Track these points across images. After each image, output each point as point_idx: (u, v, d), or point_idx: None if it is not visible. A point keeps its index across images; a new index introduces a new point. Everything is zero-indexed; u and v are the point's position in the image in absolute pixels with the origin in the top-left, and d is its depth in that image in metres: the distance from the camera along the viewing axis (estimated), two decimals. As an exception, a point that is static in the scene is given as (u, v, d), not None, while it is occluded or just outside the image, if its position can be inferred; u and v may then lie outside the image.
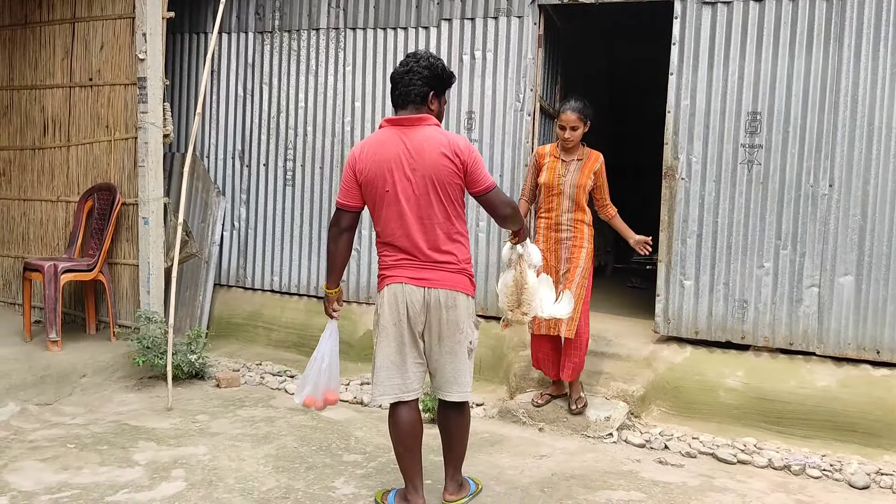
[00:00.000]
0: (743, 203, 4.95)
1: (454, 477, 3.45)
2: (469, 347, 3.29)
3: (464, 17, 5.69)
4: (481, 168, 3.17)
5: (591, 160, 4.52)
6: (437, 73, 3.20)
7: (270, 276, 6.51)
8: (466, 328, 3.25)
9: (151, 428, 4.41)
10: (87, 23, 5.95)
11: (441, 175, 3.10)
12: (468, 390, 3.31)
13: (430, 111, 3.20)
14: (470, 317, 3.28)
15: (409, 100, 3.18)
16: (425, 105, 3.19)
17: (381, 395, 3.28)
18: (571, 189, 4.46)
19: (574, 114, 4.41)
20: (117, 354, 5.37)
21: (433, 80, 3.19)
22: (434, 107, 3.22)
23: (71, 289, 5.98)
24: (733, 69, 4.95)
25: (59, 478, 3.66)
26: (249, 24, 6.50)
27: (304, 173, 6.33)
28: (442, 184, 3.11)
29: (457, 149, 3.11)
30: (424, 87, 3.17)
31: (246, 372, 5.67)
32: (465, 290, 3.23)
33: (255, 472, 3.81)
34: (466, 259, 3.25)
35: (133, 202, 5.66)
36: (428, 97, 3.18)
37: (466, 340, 3.26)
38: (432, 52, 3.31)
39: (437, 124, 3.19)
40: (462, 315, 3.22)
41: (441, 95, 3.26)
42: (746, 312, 4.96)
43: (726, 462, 4.21)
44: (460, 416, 3.38)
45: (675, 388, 4.91)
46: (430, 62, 3.19)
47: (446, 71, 3.26)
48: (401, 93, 3.19)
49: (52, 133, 6.19)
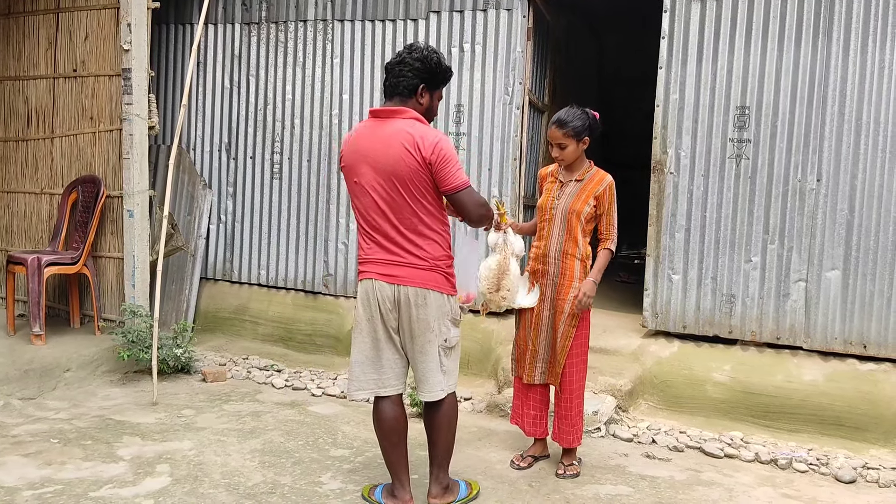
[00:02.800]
0: (731, 197, 4.95)
1: (438, 478, 3.35)
2: (443, 346, 3.20)
3: (452, 9, 5.66)
4: (450, 166, 3.05)
5: (594, 182, 3.74)
6: (430, 67, 3.14)
7: (257, 269, 6.47)
8: (439, 327, 3.17)
9: (136, 423, 4.37)
10: (72, 13, 5.87)
11: (401, 170, 3.04)
12: (440, 389, 3.22)
13: (419, 105, 3.15)
14: (444, 315, 3.19)
15: (397, 91, 3.15)
16: (413, 98, 3.15)
17: (356, 391, 3.28)
18: (563, 214, 3.73)
19: (560, 129, 3.68)
20: (102, 348, 5.32)
21: (424, 74, 3.14)
22: (424, 101, 3.17)
23: (55, 282, 5.92)
24: (722, 63, 4.94)
25: (42, 473, 3.62)
26: (236, 15, 6.44)
27: (292, 166, 6.28)
28: (403, 179, 3.05)
29: (421, 144, 3.03)
30: (414, 79, 3.13)
31: (232, 366, 5.63)
32: (436, 288, 3.15)
33: (242, 467, 3.78)
34: (440, 256, 3.16)
35: (118, 195, 5.60)
36: (417, 90, 3.14)
37: (439, 339, 3.18)
38: (432, 47, 3.22)
39: (415, 118, 3.11)
40: (432, 313, 3.14)
41: (433, 90, 3.20)
42: (734, 307, 4.96)
43: (713, 456, 4.22)
44: (438, 414, 3.29)
45: (663, 383, 4.91)
46: (423, 55, 3.13)
47: (441, 66, 3.19)
48: (390, 83, 3.17)
49: (36, 125, 6.11)
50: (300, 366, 5.74)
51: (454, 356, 3.29)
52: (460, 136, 5.64)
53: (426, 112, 3.20)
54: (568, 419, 3.80)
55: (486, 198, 5.59)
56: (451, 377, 3.28)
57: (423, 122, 3.13)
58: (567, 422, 3.80)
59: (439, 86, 3.24)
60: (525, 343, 3.90)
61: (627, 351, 5.17)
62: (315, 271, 6.22)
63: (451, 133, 5.66)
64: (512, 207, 5.53)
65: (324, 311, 6.15)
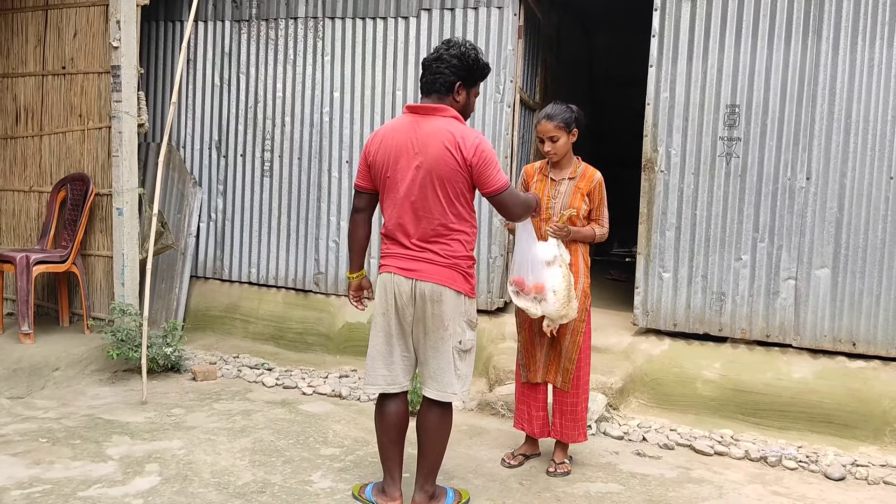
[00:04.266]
0: (721, 196, 4.96)
1: (424, 487, 3.25)
2: (458, 347, 3.15)
3: (444, 7, 5.65)
4: (492, 168, 3.04)
5: (586, 180, 3.76)
6: (468, 64, 3.10)
7: (248, 268, 6.45)
8: (454, 326, 3.12)
9: (125, 422, 4.35)
10: (60, 10, 5.83)
11: (441, 170, 3.01)
12: (451, 392, 3.15)
13: (456, 102, 3.11)
14: (460, 315, 3.14)
15: (434, 88, 3.11)
16: (450, 95, 3.10)
17: (368, 385, 3.27)
18: (556, 214, 3.74)
19: (550, 122, 3.69)
20: (91, 347, 5.29)
21: (462, 71, 3.09)
22: (460, 98, 3.13)
23: (44, 280, 5.89)
24: (712, 62, 4.95)
25: (30, 472, 3.59)
26: (226, 12, 6.41)
27: (283, 164, 6.26)
28: (441, 179, 3.02)
29: (462, 146, 3.00)
30: (451, 76, 3.08)
31: (223, 365, 5.61)
32: (453, 286, 3.10)
33: (232, 466, 3.77)
34: (461, 255, 3.12)
35: (107, 193, 5.57)
36: (454, 87, 3.10)
37: (453, 339, 3.13)
38: (471, 42, 3.16)
39: (455, 116, 3.08)
40: (448, 311, 3.10)
41: (471, 87, 3.16)
42: (724, 305, 4.98)
43: (703, 454, 4.23)
44: (437, 418, 3.21)
45: (654, 381, 4.92)
46: (461, 51, 3.09)
47: (479, 62, 3.14)
48: (427, 80, 3.14)
49: (25, 122, 6.07)
50: (291, 364, 5.73)
51: (469, 361, 3.22)
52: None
53: (463, 110, 3.16)
54: (574, 415, 3.81)
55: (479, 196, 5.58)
56: (465, 383, 3.21)
57: (461, 121, 3.10)
58: (573, 417, 3.81)
59: (476, 82, 3.19)
60: (533, 346, 3.85)
61: (618, 349, 5.18)
62: (306, 269, 6.21)
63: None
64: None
65: (315, 310, 6.13)
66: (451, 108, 3.09)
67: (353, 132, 5.98)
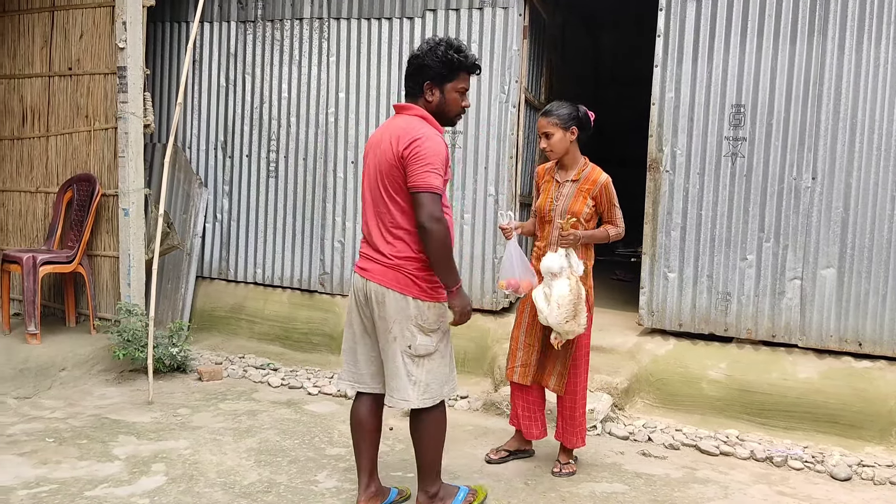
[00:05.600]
0: (727, 196, 4.95)
1: (424, 487, 3.22)
2: (407, 352, 3.02)
3: (448, 7, 5.65)
4: (419, 163, 2.89)
5: (589, 182, 3.71)
6: (426, 64, 3.04)
7: (254, 268, 6.46)
8: (401, 331, 3.01)
9: (132, 422, 4.36)
10: (67, 11, 5.85)
11: (383, 166, 3.01)
12: (401, 397, 3.05)
13: (428, 102, 3.07)
14: (408, 319, 3.00)
15: (407, 90, 3.13)
16: (421, 96, 3.07)
17: (340, 380, 3.31)
18: (562, 216, 3.69)
19: (545, 118, 3.68)
20: (97, 347, 5.31)
21: (430, 71, 3.04)
22: (433, 97, 3.06)
23: (50, 281, 5.90)
24: (718, 62, 4.94)
25: (37, 472, 3.61)
26: (232, 13, 6.42)
27: (288, 165, 6.27)
28: (383, 175, 3.01)
29: (400, 140, 2.94)
30: (418, 77, 3.07)
31: (229, 365, 5.63)
32: (396, 288, 3.00)
33: (237, 466, 3.78)
34: (405, 256, 3.00)
35: (113, 193, 5.59)
36: (422, 87, 3.06)
37: (400, 343, 3.02)
38: (444, 38, 3.07)
39: (418, 115, 3.05)
40: (391, 314, 3.01)
41: (443, 84, 3.05)
42: (730, 305, 4.97)
43: (709, 454, 4.22)
44: (418, 427, 3.14)
45: (659, 381, 4.91)
46: (427, 49, 3.04)
47: (446, 58, 3.02)
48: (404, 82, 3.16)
49: (31, 123, 6.09)
50: (296, 364, 5.74)
51: (429, 367, 3.06)
52: (456, 135, 5.64)
53: (440, 108, 3.08)
54: (573, 420, 3.79)
55: (484, 196, 5.59)
56: (425, 391, 3.05)
57: (426, 119, 3.05)
58: (571, 423, 3.80)
59: (450, 78, 3.06)
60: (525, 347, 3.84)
61: (624, 349, 5.18)
62: (311, 270, 6.22)
63: (446, 131, 5.65)
64: (508, 205, 5.53)
65: (320, 310, 6.14)
66: (418, 107, 3.06)
67: (359, 133, 5.99)
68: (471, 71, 3.11)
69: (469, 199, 5.64)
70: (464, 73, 3.08)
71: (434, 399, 3.08)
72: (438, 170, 2.93)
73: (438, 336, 3.09)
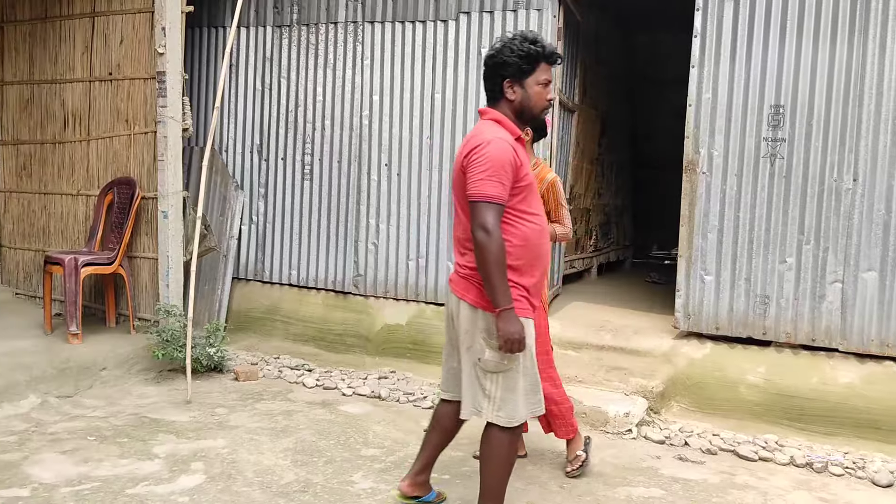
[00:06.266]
0: (765, 197, 4.89)
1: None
2: (478, 365, 2.92)
3: (482, 10, 5.65)
4: (476, 172, 2.77)
5: (538, 181, 3.70)
6: (504, 61, 2.88)
7: (288, 270, 6.52)
8: (472, 342, 2.93)
9: (171, 421, 4.43)
10: (107, 17, 5.97)
11: (455, 173, 2.95)
12: (473, 409, 2.96)
13: (510, 101, 2.93)
14: (478, 331, 2.90)
15: (487, 94, 3.00)
16: (503, 98, 2.94)
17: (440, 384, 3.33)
18: None
19: None
20: (137, 347, 5.40)
21: (503, 70, 2.90)
22: (515, 95, 2.92)
23: (91, 282, 6.01)
24: (756, 62, 4.88)
25: (79, 470, 3.68)
26: (268, 17, 6.50)
27: (322, 167, 6.32)
28: (456, 184, 2.94)
29: (465, 146, 2.87)
30: (495, 78, 2.93)
31: (264, 365, 5.68)
32: (468, 299, 2.92)
33: (274, 466, 3.82)
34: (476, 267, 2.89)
35: (152, 196, 5.68)
36: (501, 86, 2.93)
37: (472, 356, 2.94)
38: (517, 33, 2.93)
39: (494, 119, 2.91)
40: (464, 324, 2.95)
41: (522, 79, 2.90)
42: (768, 308, 4.90)
43: (747, 459, 4.17)
44: (486, 441, 3.01)
45: (696, 384, 4.86)
46: (501, 45, 2.91)
47: (520, 51, 2.86)
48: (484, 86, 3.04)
49: (73, 127, 6.22)
50: (331, 365, 5.77)
51: (504, 385, 2.90)
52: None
53: (521, 105, 2.94)
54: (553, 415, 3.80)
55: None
56: (500, 407, 2.91)
57: (500, 121, 2.91)
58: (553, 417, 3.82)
59: (530, 71, 2.89)
60: None
61: (659, 352, 5.14)
62: (345, 271, 6.26)
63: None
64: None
65: (354, 312, 6.18)
66: (495, 111, 2.95)
67: (392, 136, 6.02)
68: (551, 61, 2.94)
69: (503, 201, 5.62)
70: (544, 63, 2.92)
71: (510, 418, 2.91)
72: (496, 177, 2.75)
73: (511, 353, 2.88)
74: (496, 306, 2.77)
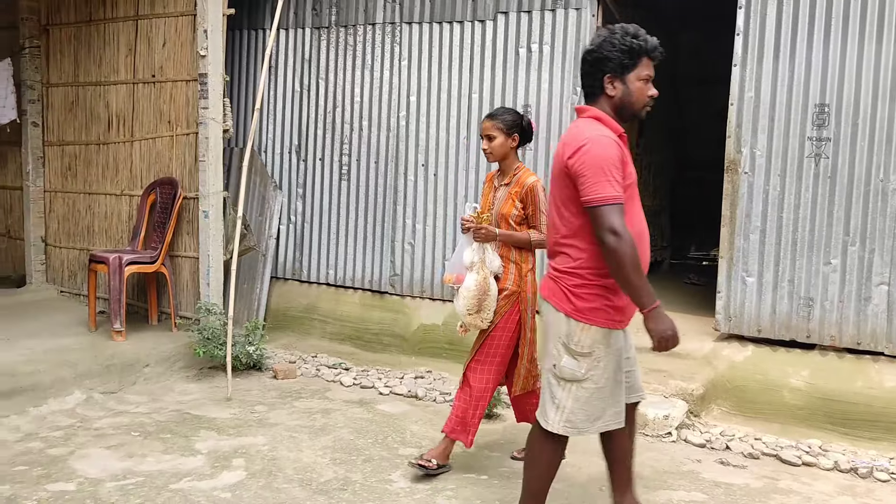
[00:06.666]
0: (809, 198, 4.80)
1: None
2: (552, 371, 2.84)
3: (520, 9, 5.64)
4: (586, 175, 2.64)
5: (517, 185, 3.69)
6: (604, 56, 2.77)
7: (326, 269, 6.57)
8: (550, 345, 2.85)
9: (212, 417, 4.49)
10: (150, 20, 6.08)
11: (554, 173, 2.84)
12: (546, 419, 2.86)
13: (609, 98, 2.82)
14: (557, 336, 2.81)
15: (585, 90, 2.90)
16: (602, 92, 2.82)
17: None
18: (495, 219, 3.74)
19: (489, 121, 3.74)
20: (178, 345, 5.48)
21: (604, 65, 2.79)
22: (616, 91, 2.80)
23: (133, 280, 6.12)
24: (800, 60, 4.80)
25: (124, 465, 3.75)
26: (306, 19, 6.55)
27: (360, 168, 6.36)
28: (555, 183, 2.84)
29: (567, 146, 2.74)
30: (596, 71, 2.81)
31: (302, 364, 5.73)
32: (552, 301, 2.84)
33: (314, 463, 3.85)
34: (567, 269, 2.80)
35: (194, 196, 5.77)
36: (601, 82, 2.81)
37: (548, 361, 2.86)
38: (615, 27, 2.80)
39: (593, 116, 2.80)
40: (545, 327, 2.88)
41: (622, 74, 2.78)
42: (812, 310, 4.81)
43: (790, 464, 4.10)
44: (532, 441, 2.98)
45: (737, 388, 4.79)
46: (601, 39, 2.80)
47: (621, 45, 2.75)
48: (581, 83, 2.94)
49: (117, 128, 6.34)
50: (368, 364, 5.80)
51: (577, 396, 2.80)
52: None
53: (622, 102, 2.82)
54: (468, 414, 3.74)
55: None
56: (569, 419, 2.82)
57: (600, 119, 2.79)
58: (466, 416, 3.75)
59: (632, 67, 2.78)
60: None
61: (699, 354, 5.07)
62: (382, 271, 6.29)
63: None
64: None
65: (391, 311, 6.21)
66: (592, 108, 2.83)
67: (430, 136, 6.03)
68: (653, 56, 2.82)
69: (540, 201, 5.60)
70: (646, 58, 2.80)
71: (579, 431, 2.84)
72: (610, 176, 2.64)
73: (590, 363, 2.78)
74: (642, 308, 2.66)
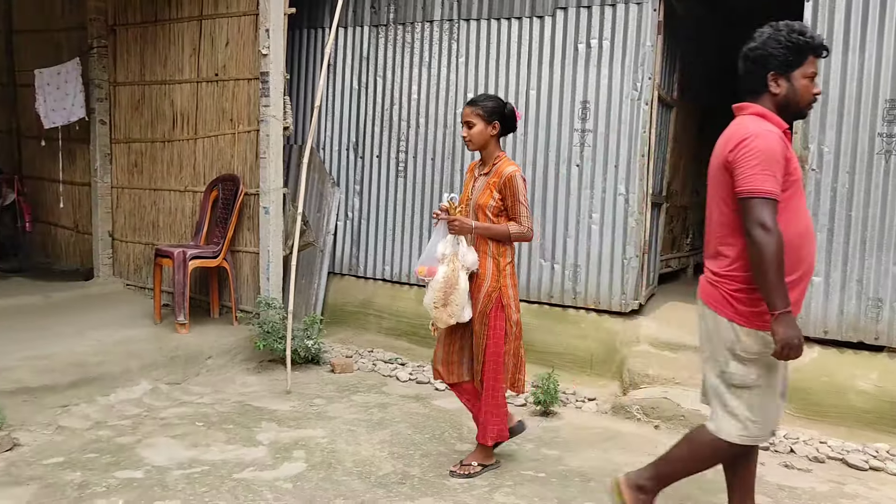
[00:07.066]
0: (879, 196, 4.65)
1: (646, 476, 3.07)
2: (722, 377, 2.78)
3: (580, 4, 5.59)
4: (746, 164, 2.59)
5: (497, 175, 3.61)
6: (769, 53, 2.72)
7: (382, 265, 6.62)
8: (714, 353, 2.80)
9: (272, 409, 4.57)
10: (213, 20, 6.20)
11: (714, 171, 2.77)
12: (718, 429, 2.81)
13: (773, 95, 2.75)
14: (722, 343, 2.75)
15: (746, 88, 2.83)
16: (765, 90, 2.76)
17: None
18: (472, 209, 3.68)
19: (469, 107, 3.67)
20: (239, 338, 5.59)
21: (772, 59, 2.72)
22: (780, 89, 2.74)
23: (196, 274, 6.26)
24: (870, 53, 4.64)
25: (189, 454, 3.85)
26: (365, 17, 6.61)
27: (416, 165, 6.39)
28: (713, 182, 2.77)
29: (728, 141, 2.69)
30: (760, 68, 2.75)
31: (358, 358, 5.80)
32: (714, 307, 2.78)
33: (372, 457, 3.89)
34: (728, 273, 2.73)
35: (254, 192, 5.87)
36: (765, 79, 2.75)
37: (715, 367, 2.81)
38: (786, 22, 2.73)
39: (755, 112, 2.74)
40: (707, 334, 2.83)
41: (786, 72, 2.72)
42: (881, 312, 4.66)
43: (857, 468, 3.99)
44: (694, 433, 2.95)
45: (802, 390, 4.67)
46: (766, 36, 2.74)
47: (791, 40, 2.69)
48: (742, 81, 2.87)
49: (181, 126, 6.50)
50: (423, 360, 5.83)
51: (751, 403, 2.75)
52: (586, 133, 5.57)
53: (786, 99, 2.76)
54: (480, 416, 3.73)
55: (614, 196, 5.48)
56: (745, 427, 2.76)
57: (764, 115, 2.74)
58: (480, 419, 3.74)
59: (797, 64, 2.72)
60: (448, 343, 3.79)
61: (761, 355, 4.95)
62: (438, 268, 6.30)
63: (576, 130, 5.60)
64: (639, 205, 5.41)
65: (446, 308, 6.22)
66: (754, 105, 2.77)
67: (487, 132, 6.01)
68: (818, 53, 2.76)
69: (598, 198, 5.55)
70: (811, 56, 2.74)
71: (754, 439, 2.81)
72: (769, 170, 2.59)
73: (760, 368, 2.73)
74: (773, 309, 2.58)
